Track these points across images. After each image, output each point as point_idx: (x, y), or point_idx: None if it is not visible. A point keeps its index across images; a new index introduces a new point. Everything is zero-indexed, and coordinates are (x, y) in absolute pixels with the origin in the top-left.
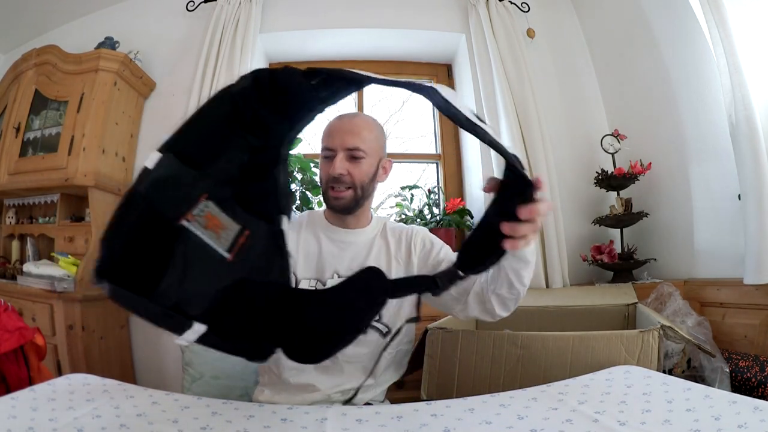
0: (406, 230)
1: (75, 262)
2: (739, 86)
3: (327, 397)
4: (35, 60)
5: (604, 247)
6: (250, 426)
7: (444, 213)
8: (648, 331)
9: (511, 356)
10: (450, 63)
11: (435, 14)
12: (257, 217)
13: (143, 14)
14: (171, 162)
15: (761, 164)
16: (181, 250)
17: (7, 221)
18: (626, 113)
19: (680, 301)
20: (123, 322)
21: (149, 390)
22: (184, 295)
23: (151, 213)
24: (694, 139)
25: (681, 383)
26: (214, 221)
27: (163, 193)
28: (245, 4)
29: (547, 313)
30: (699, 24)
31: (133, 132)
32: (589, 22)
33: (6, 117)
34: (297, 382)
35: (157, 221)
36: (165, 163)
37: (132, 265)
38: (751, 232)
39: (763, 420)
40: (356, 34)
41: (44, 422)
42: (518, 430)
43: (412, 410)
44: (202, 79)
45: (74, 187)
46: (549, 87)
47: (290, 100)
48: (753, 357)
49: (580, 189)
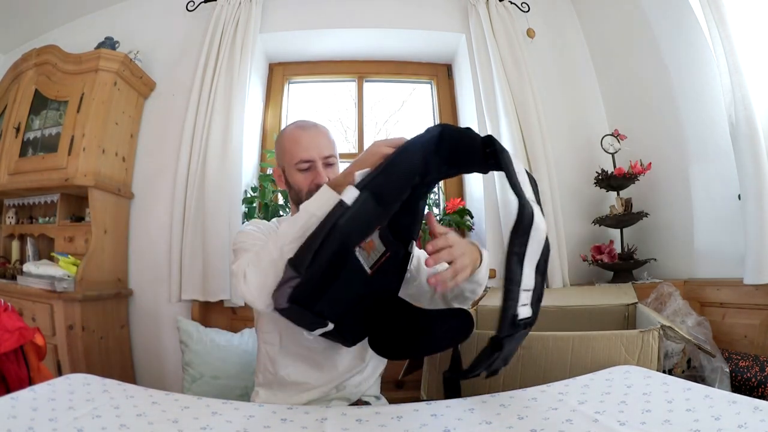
0: None
1: (75, 262)
2: (739, 86)
3: (324, 395)
4: (35, 60)
5: (604, 247)
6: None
7: (444, 213)
8: (648, 331)
9: None
10: (450, 63)
11: (435, 14)
12: (400, 241)
13: (143, 14)
14: (367, 200)
15: (761, 164)
16: (343, 270)
17: (7, 221)
18: (626, 113)
19: (680, 301)
20: (123, 322)
21: (149, 390)
22: (329, 300)
23: (342, 243)
24: (694, 139)
25: (681, 383)
26: (370, 243)
27: (356, 227)
28: (245, 4)
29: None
30: (699, 24)
31: (133, 132)
32: (589, 22)
33: (6, 117)
34: (293, 380)
35: (343, 250)
36: (362, 201)
37: (318, 288)
38: (751, 232)
39: (763, 420)
40: (356, 34)
41: (44, 422)
42: (518, 430)
43: (412, 410)
44: (202, 79)
45: (74, 187)
46: (549, 87)
47: (466, 161)
48: (753, 357)
49: (580, 189)
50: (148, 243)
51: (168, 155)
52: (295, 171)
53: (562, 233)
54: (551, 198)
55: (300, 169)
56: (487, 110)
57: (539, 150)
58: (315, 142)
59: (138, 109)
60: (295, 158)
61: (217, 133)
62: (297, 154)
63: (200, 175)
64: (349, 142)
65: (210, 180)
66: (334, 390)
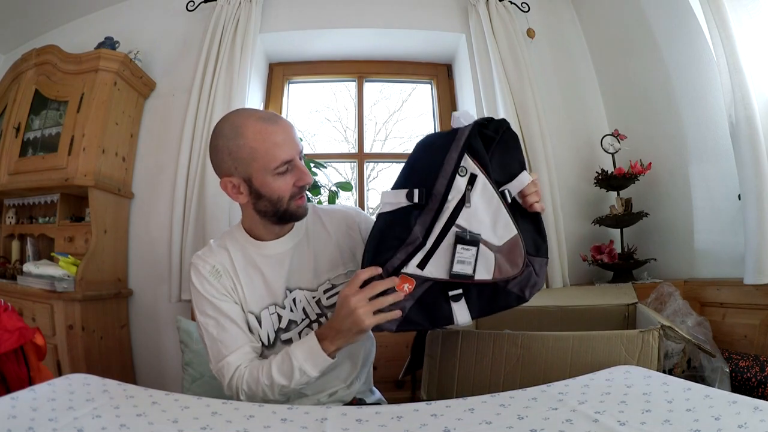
0: (340, 212)
1: (75, 262)
2: (739, 86)
3: (317, 402)
4: (35, 60)
5: (604, 247)
6: (250, 426)
7: None
8: (648, 331)
9: (511, 356)
10: (450, 63)
11: (435, 14)
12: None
13: (143, 14)
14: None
15: (761, 164)
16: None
17: (7, 221)
18: (626, 113)
19: (680, 301)
20: (123, 322)
21: (149, 390)
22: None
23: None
24: (694, 139)
25: (681, 383)
26: None
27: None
28: (245, 4)
29: (547, 313)
30: (699, 24)
31: (133, 132)
32: (589, 22)
33: (6, 117)
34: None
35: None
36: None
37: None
38: (751, 232)
39: (763, 420)
40: (356, 34)
41: (44, 422)
42: (518, 430)
43: (412, 410)
44: (202, 79)
45: (74, 187)
46: (549, 87)
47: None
48: (753, 357)
49: (580, 189)
50: (148, 243)
51: (168, 155)
52: (272, 177)
53: (562, 233)
54: (551, 198)
55: (279, 173)
56: (487, 110)
57: (539, 150)
58: (289, 135)
59: (138, 109)
60: (273, 161)
61: None
62: (276, 156)
63: (200, 175)
64: (349, 142)
65: (210, 180)
66: (327, 396)
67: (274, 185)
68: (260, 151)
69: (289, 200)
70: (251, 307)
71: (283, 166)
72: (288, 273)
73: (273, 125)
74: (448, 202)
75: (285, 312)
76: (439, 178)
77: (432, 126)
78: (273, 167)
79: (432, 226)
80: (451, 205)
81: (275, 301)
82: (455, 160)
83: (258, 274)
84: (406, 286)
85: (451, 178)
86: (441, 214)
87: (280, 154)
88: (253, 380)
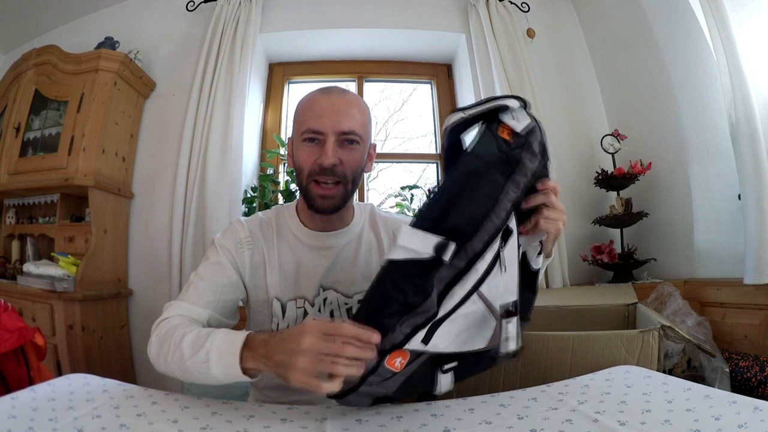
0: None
1: (75, 262)
2: (739, 86)
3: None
4: (35, 60)
5: (604, 247)
6: (250, 426)
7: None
8: (648, 331)
9: None
10: (450, 63)
11: (435, 14)
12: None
13: (143, 14)
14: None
15: (761, 164)
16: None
17: (7, 221)
18: (626, 113)
19: (680, 301)
20: (123, 322)
21: (149, 390)
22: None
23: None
24: (694, 139)
25: (681, 383)
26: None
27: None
28: (245, 4)
29: (547, 313)
30: (699, 24)
31: (133, 132)
32: (589, 22)
33: (6, 117)
34: (278, 382)
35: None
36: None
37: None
38: (751, 232)
39: (763, 420)
40: (356, 34)
41: (44, 422)
42: (518, 430)
43: (412, 410)
44: (202, 79)
45: (74, 187)
46: (549, 87)
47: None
48: (753, 357)
49: (580, 189)
50: (148, 243)
51: (168, 155)
52: (300, 142)
53: (562, 233)
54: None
55: (305, 139)
56: None
57: None
58: (333, 109)
59: (138, 109)
60: (303, 125)
61: (217, 133)
62: (306, 120)
63: (200, 175)
64: None
65: (210, 180)
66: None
67: (299, 152)
68: (300, 114)
69: (308, 177)
70: (276, 292)
71: (309, 134)
72: (327, 270)
73: (324, 95)
74: (479, 261)
75: (312, 310)
76: (480, 231)
77: (432, 126)
78: (301, 131)
79: (450, 290)
80: (481, 266)
81: (305, 295)
82: (507, 210)
83: (293, 260)
84: (398, 361)
85: (494, 235)
86: (466, 275)
87: (311, 121)
88: (171, 331)
